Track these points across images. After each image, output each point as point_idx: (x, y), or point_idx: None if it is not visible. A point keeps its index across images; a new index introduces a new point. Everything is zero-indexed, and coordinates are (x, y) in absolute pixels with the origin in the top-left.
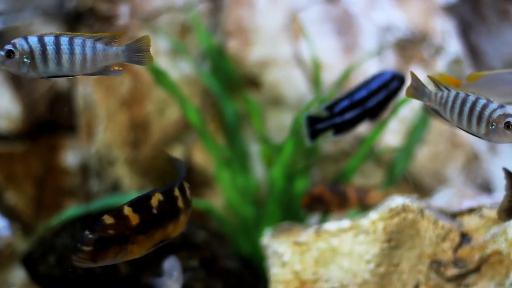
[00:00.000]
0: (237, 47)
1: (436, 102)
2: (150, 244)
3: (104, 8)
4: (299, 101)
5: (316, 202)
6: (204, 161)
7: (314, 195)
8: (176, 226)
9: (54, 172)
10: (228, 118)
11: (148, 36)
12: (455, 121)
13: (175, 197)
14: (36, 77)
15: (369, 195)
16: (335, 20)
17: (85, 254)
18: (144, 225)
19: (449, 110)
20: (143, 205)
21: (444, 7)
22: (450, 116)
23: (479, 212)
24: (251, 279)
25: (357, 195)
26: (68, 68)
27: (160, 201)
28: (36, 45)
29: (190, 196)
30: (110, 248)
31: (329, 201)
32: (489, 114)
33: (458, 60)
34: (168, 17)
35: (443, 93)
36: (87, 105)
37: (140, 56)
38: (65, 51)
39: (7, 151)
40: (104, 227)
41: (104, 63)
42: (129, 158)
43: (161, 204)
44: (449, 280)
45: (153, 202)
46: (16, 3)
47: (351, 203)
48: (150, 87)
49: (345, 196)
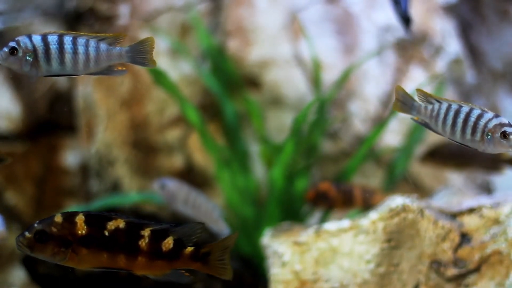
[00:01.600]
0: (237, 47)
1: (427, 115)
2: (94, 263)
3: (104, 8)
4: (299, 101)
5: (321, 198)
6: (204, 161)
7: (320, 190)
8: (134, 264)
9: (54, 172)
10: (228, 118)
11: (152, 38)
12: (447, 133)
13: (139, 235)
14: (38, 75)
15: (374, 197)
16: (335, 20)
17: (25, 240)
18: (88, 240)
19: (441, 123)
20: (98, 221)
21: (444, 7)
22: (442, 129)
23: (479, 212)
24: (251, 279)
25: (362, 195)
26: (71, 68)
27: (119, 228)
28: (40, 43)
29: (170, 249)
30: (48, 244)
31: (334, 198)
32: (484, 124)
33: (458, 60)
34: (168, 17)
35: (434, 106)
36: (87, 105)
37: (143, 58)
38: (69, 50)
39: (7, 151)
40: (51, 223)
41: (107, 63)
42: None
43: (117, 231)
44: (449, 280)
45: (110, 225)
46: (16, 3)
47: (356, 202)
48: (150, 87)
49: (351, 195)
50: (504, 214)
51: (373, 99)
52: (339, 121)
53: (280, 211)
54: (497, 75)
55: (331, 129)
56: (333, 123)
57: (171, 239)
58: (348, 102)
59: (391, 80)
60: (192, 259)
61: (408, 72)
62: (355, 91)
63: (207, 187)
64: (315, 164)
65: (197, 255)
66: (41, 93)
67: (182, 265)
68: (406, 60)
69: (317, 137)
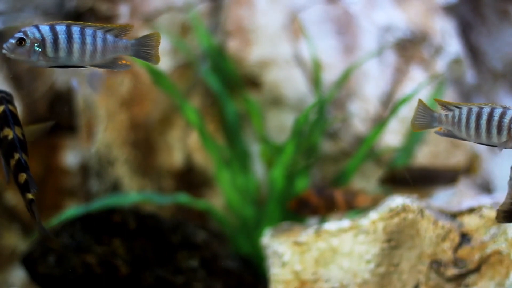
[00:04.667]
0: (237, 47)
1: (449, 123)
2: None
3: (104, 8)
4: (299, 101)
5: (303, 206)
6: (204, 161)
7: (301, 199)
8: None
9: (54, 172)
10: (228, 118)
11: (158, 33)
12: (472, 137)
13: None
14: (45, 66)
15: (357, 199)
16: (335, 20)
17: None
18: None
19: (465, 127)
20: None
21: (444, 7)
22: (467, 133)
23: (479, 212)
24: (251, 279)
25: (344, 198)
26: (78, 58)
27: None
28: (48, 33)
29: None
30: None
31: (316, 205)
32: (509, 121)
33: (458, 60)
34: (168, 17)
35: (454, 112)
36: (87, 105)
37: (148, 52)
38: (77, 40)
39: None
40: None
41: (113, 55)
42: (129, 158)
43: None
44: (449, 280)
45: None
46: (16, 3)
47: (339, 206)
48: (150, 87)
49: (333, 200)
50: None
51: (373, 99)
52: (339, 121)
53: (280, 211)
54: (497, 75)
55: (331, 129)
56: (333, 123)
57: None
58: (348, 102)
59: (391, 80)
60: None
61: (408, 72)
62: (355, 91)
63: (207, 187)
64: (315, 164)
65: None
66: (41, 93)
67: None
68: (406, 60)
69: (317, 137)
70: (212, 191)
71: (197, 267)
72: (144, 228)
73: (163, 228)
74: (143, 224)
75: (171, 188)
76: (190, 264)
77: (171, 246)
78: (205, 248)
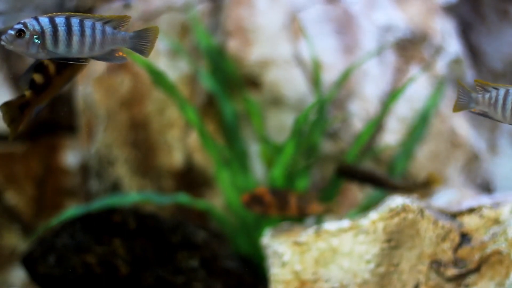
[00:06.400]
0: (237, 47)
1: (485, 104)
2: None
3: (104, 8)
4: (299, 101)
5: (255, 202)
6: (204, 161)
7: (255, 195)
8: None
9: (54, 172)
10: (227, 118)
11: (157, 27)
12: (508, 119)
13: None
14: (44, 58)
15: (309, 206)
16: (335, 20)
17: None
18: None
19: (501, 109)
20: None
21: (444, 7)
22: (502, 115)
23: (479, 212)
24: (251, 279)
25: (297, 203)
26: (77, 50)
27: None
28: (48, 25)
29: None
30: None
31: (268, 203)
32: None
33: (458, 60)
34: (168, 17)
35: (491, 93)
36: (87, 105)
37: (144, 46)
38: (76, 32)
39: (7, 151)
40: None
41: (111, 46)
42: (129, 158)
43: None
44: (449, 280)
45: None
46: (16, 3)
47: (291, 210)
48: (150, 87)
49: (285, 202)
50: (504, 214)
51: (373, 99)
52: (339, 121)
53: None
54: (497, 75)
55: (331, 129)
56: (333, 123)
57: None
58: (348, 102)
59: (391, 80)
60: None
61: (408, 72)
62: (355, 91)
63: (207, 187)
64: (315, 164)
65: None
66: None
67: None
68: (406, 60)
69: (317, 137)
70: (212, 191)
71: (197, 267)
72: (144, 228)
73: (163, 228)
74: (143, 224)
75: (171, 188)
76: (190, 264)
77: (171, 246)
78: (205, 248)
